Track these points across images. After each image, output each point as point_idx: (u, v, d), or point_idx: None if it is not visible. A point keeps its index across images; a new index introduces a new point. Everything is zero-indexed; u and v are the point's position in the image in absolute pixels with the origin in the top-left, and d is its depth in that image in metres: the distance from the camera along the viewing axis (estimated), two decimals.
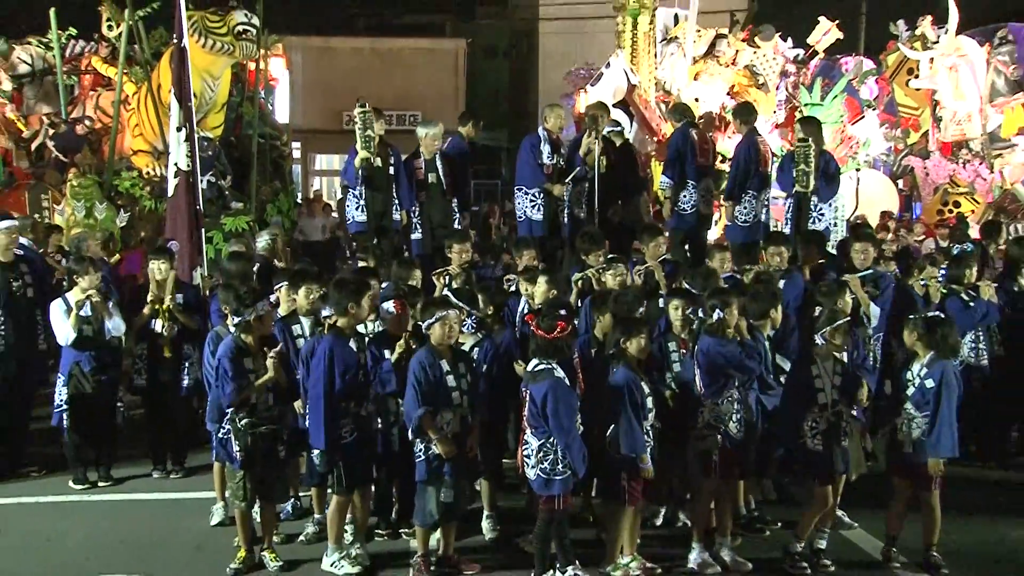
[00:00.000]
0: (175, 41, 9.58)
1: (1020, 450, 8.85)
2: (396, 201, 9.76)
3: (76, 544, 6.76)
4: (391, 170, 9.70)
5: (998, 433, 8.71)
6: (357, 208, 9.74)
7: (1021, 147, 15.48)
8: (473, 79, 28.63)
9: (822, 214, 9.40)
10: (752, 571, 6.16)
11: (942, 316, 6.60)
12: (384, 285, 7.28)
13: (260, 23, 12.43)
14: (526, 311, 7.07)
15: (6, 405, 8.27)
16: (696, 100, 14.36)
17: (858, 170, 14.48)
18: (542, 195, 9.44)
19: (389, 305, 6.79)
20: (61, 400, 7.88)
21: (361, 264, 8.43)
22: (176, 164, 9.20)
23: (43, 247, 10.49)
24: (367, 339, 6.46)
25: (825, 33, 15.57)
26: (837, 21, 15.84)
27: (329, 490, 6.28)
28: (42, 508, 7.58)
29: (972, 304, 8.16)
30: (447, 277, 7.89)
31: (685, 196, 9.75)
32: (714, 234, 11.61)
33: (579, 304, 7.30)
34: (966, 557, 6.31)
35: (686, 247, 9.98)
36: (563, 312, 6.01)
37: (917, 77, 16.29)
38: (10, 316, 8.12)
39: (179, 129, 9.17)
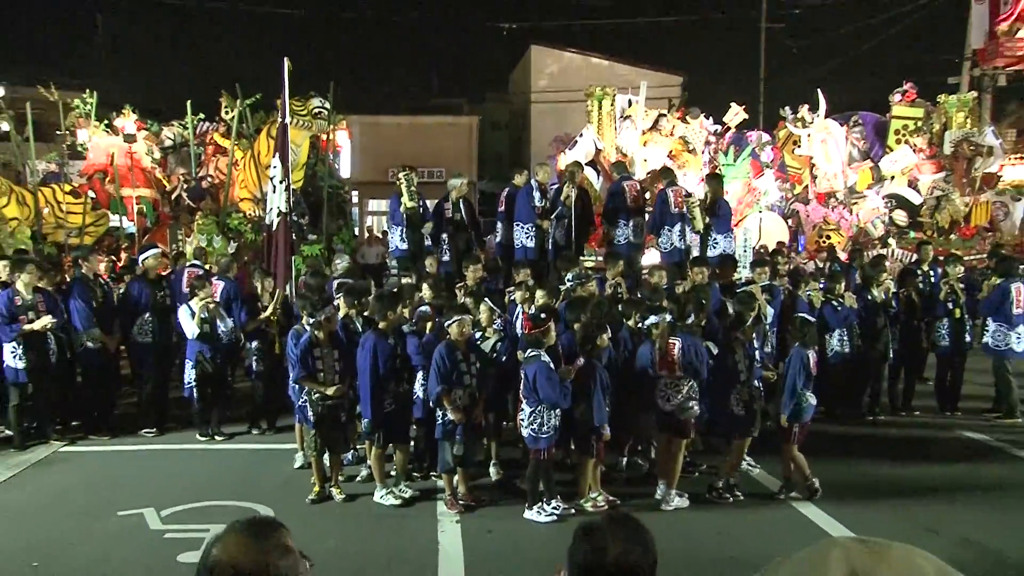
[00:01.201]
0: (280, 120, 9.64)
1: (867, 412, 8.79)
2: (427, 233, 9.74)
3: (200, 477, 6.73)
4: (420, 211, 9.69)
5: (854, 400, 8.73)
6: (400, 239, 9.70)
7: (870, 197, 15.68)
8: (482, 145, 28.60)
9: (717, 243, 9.28)
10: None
11: (808, 317, 6.56)
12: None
13: (330, 106, 12.42)
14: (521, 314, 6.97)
15: (155, 380, 8.29)
16: (645, 160, 14.31)
17: (760, 212, 14.44)
18: (534, 228, 9.37)
19: (426, 309, 6.74)
20: (190, 378, 7.91)
21: (405, 280, 8.35)
22: (278, 207, 9.14)
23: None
24: (406, 333, 6.34)
25: (736, 114, 15.60)
26: (744, 105, 15.93)
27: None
28: (177, 452, 7.57)
29: (840, 309, 8.22)
30: (464, 289, 7.82)
31: (619, 232, 9.55)
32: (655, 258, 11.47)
33: None
34: (834, 486, 6.23)
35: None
36: (542, 315, 5.84)
37: (799, 146, 16.40)
38: (156, 317, 8.18)
39: (281, 182, 9.10)
